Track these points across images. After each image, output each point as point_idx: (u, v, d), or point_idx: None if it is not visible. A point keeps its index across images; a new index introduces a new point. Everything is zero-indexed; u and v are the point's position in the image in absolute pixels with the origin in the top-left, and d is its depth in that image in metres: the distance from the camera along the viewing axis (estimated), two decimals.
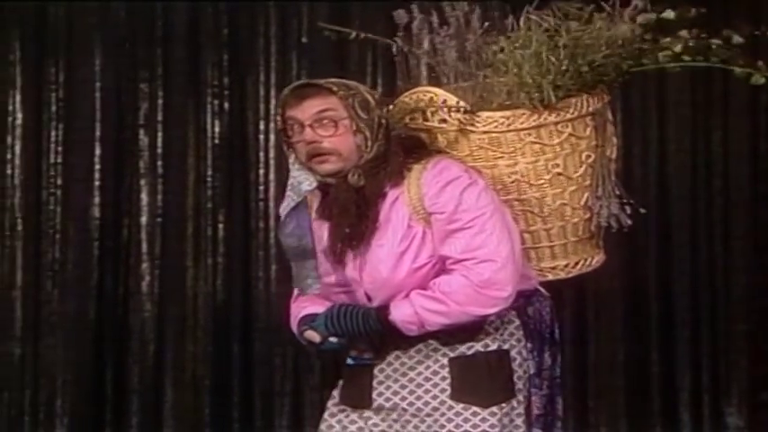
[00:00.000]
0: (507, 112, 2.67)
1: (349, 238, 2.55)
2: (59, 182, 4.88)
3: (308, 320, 2.62)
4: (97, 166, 4.89)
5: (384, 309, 2.56)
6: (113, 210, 4.89)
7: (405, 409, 2.61)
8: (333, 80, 2.61)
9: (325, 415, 2.72)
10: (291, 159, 2.58)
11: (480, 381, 2.59)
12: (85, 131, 4.89)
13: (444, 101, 2.67)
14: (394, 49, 2.80)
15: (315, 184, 2.54)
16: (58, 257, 4.89)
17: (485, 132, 2.67)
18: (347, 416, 2.67)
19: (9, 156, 4.89)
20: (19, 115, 4.91)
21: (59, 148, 4.91)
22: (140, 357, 4.88)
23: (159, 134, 4.91)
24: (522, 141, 2.68)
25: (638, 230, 4.88)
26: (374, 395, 2.64)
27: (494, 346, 2.62)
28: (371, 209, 2.55)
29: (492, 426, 2.56)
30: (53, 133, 4.91)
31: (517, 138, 2.68)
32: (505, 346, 2.64)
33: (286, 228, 2.58)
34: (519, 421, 2.62)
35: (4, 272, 4.88)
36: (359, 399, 2.66)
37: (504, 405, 2.59)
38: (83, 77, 4.89)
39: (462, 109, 2.64)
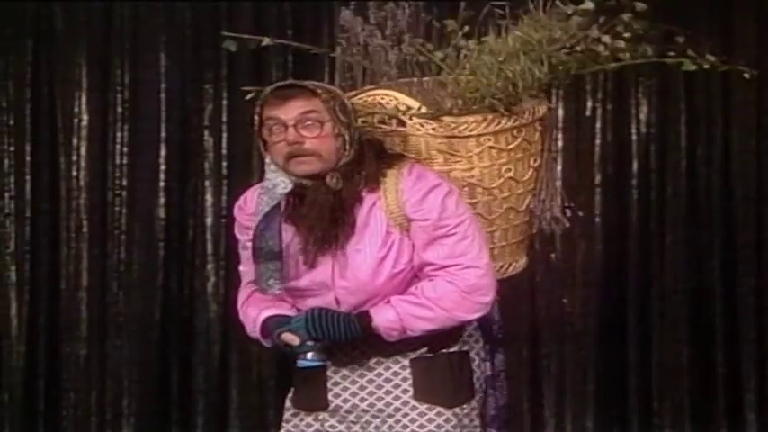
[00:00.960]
0: (469, 118, 2.72)
1: (323, 241, 2.55)
2: (125, 183, 4.89)
3: (282, 322, 2.58)
4: (162, 167, 4.89)
5: (365, 314, 2.55)
6: (178, 211, 4.90)
7: (365, 410, 2.63)
8: (315, 82, 2.65)
9: (283, 422, 2.71)
10: (267, 160, 2.56)
11: (443, 382, 2.62)
12: (150, 133, 4.90)
13: (407, 106, 2.72)
14: (337, 51, 2.86)
15: (290, 187, 2.53)
16: (123, 258, 4.90)
17: (446, 137, 2.70)
18: (302, 419, 2.66)
19: (75, 157, 4.90)
20: (84, 117, 4.91)
21: (125, 150, 4.91)
22: (206, 358, 4.89)
23: (224, 135, 4.91)
24: (481, 146, 2.73)
25: (703, 230, 4.91)
26: (330, 396, 2.64)
27: (455, 348, 2.66)
28: (348, 213, 2.56)
29: (455, 426, 2.61)
30: (118, 135, 4.92)
31: (476, 143, 2.73)
32: (465, 348, 2.68)
33: (257, 229, 2.55)
34: (477, 422, 2.67)
35: (69, 273, 4.89)
36: (313, 401, 2.65)
37: (465, 406, 2.64)
38: (148, 79, 4.90)
39: (426, 114, 2.69)
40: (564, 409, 4.92)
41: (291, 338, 2.54)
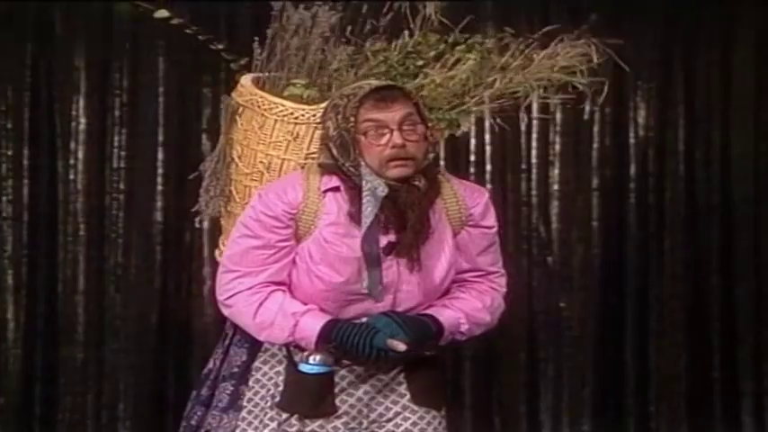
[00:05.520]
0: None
1: (412, 244, 2.51)
2: (122, 187, 4.87)
3: (355, 327, 2.48)
4: (160, 171, 4.87)
5: (431, 317, 2.53)
6: (176, 215, 4.85)
7: (367, 416, 2.61)
8: (404, 85, 2.64)
9: (265, 420, 2.61)
10: (363, 164, 2.49)
11: (432, 385, 2.66)
12: (149, 136, 4.88)
13: None
14: (256, 45, 2.93)
15: (387, 190, 2.46)
16: (120, 262, 4.87)
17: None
18: (291, 425, 2.59)
19: (72, 161, 4.88)
20: (83, 120, 4.89)
21: (122, 154, 4.89)
22: (203, 362, 4.83)
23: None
24: None
25: (701, 234, 4.91)
26: (337, 402, 2.59)
27: (433, 351, 2.66)
28: (426, 217, 2.54)
29: (445, 427, 2.66)
30: (116, 138, 4.89)
31: None
32: (434, 352, 2.68)
33: (366, 235, 2.47)
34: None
35: (67, 276, 4.88)
36: (317, 407, 2.58)
37: (444, 407, 2.69)
38: (146, 82, 4.88)
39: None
40: (560, 412, 4.91)
41: (397, 345, 2.44)
